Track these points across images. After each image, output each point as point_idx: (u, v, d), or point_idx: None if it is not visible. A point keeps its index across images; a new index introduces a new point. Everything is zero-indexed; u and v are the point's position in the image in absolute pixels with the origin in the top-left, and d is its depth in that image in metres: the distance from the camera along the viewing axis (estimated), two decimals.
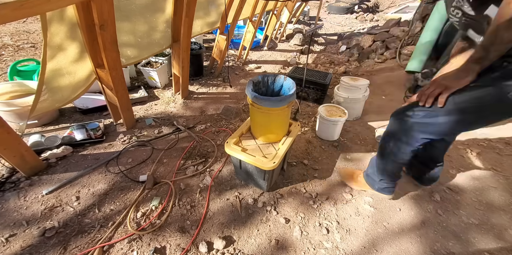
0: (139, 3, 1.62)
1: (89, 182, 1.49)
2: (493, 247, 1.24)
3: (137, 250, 1.17)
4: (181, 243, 1.21)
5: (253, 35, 3.24)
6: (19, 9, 0.90)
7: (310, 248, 1.22)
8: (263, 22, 4.39)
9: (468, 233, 1.30)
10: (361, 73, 3.28)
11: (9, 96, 1.90)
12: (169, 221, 1.31)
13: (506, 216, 1.39)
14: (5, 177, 1.45)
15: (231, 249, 1.20)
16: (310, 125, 2.17)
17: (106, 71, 1.51)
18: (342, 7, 7.73)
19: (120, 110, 1.79)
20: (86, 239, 1.19)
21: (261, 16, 3.40)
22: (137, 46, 1.80)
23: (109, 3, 1.25)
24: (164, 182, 1.52)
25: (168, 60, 2.59)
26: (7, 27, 3.60)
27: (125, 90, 1.73)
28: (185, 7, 1.74)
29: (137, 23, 1.70)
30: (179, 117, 2.15)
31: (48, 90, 1.43)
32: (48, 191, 1.39)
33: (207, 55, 3.46)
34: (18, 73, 2.14)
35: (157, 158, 1.69)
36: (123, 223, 1.28)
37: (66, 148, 1.65)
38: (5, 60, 2.82)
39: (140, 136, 1.89)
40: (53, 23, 1.23)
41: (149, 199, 1.41)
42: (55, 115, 2.01)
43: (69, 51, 1.40)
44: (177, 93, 2.47)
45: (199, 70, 2.87)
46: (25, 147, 1.39)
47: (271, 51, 4.11)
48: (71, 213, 1.31)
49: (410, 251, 1.21)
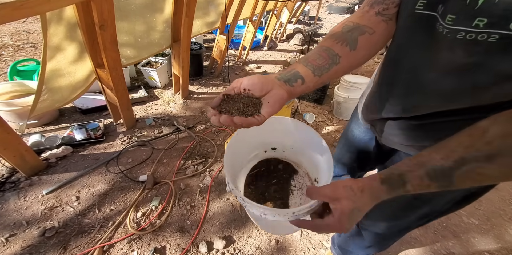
0: (139, 3, 1.62)
1: (89, 182, 1.49)
2: (493, 247, 1.24)
3: (137, 250, 1.17)
4: (181, 243, 1.21)
5: (253, 35, 3.24)
6: (19, 9, 0.90)
7: (310, 248, 1.22)
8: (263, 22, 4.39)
9: (468, 233, 1.30)
10: (361, 73, 3.27)
11: (9, 96, 1.89)
12: (169, 221, 1.31)
13: (506, 216, 1.39)
14: (5, 177, 1.45)
15: (231, 249, 1.20)
16: (310, 125, 2.17)
17: (106, 71, 1.51)
18: (342, 7, 7.73)
19: (120, 110, 1.79)
20: (86, 239, 1.19)
21: (261, 16, 3.40)
22: (137, 46, 1.80)
23: (109, 3, 1.25)
24: (164, 182, 1.52)
25: (168, 60, 2.58)
26: (7, 27, 3.60)
27: (125, 90, 1.73)
28: (185, 7, 1.74)
29: (137, 23, 1.70)
30: (179, 117, 2.15)
31: (48, 90, 1.42)
32: (48, 191, 1.39)
33: (207, 55, 3.46)
34: (18, 73, 2.14)
35: (157, 158, 1.69)
36: (123, 223, 1.28)
37: (66, 148, 1.65)
38: (5, 60, 2.81)
39: (140, 136, 1.89)
40: (53, 23, 1.23)
41: (149, 199, 1.41)
42: (55, 115, 2.01)
43: (69, 51, 1.40)
44: (177, 93, 2.47)
45: (199, 70, 2.87)
46: (25, 147, 1.39)
47: (271, 51, 4.11)
48: (71, 213, 1.31)
49: (410, 251, 1.21)
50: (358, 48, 0.47)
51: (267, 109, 0.42)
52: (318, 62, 0.46)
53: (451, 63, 0.40)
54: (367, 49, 0.49)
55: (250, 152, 0.76)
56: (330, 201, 0.43)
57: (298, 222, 0.48)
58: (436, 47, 0.41)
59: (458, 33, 0.36)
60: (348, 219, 0.42)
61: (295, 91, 0.44)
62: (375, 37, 0.48)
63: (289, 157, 0.78)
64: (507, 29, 0.32)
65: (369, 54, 0.50)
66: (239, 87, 0.44)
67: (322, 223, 0.44)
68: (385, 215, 0.73)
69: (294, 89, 0.44)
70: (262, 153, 0.78)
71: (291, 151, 0.76)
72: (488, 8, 0.33)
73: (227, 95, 0.44)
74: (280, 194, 0.72)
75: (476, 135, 0.35)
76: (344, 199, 0.42)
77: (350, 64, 0.48)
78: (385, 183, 0.41)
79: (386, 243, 0.91)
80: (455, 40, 0.37)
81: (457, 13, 0.36)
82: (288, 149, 0.76)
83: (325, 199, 0.44)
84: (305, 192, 0.68)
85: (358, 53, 0.48)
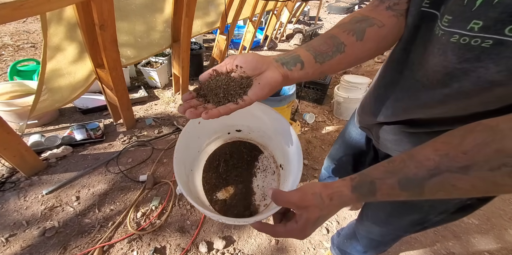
0: (139, 3, 1.62)
1: (89, 182, 1.49)
2: (493, 247, 1.24)
3: (137, 250, 1.17)
4: (181, 243, 1.21)
5: (253, 35, 3.24)
6: (19, 9, 0.90)
7: (310, 248, 1.22)
8: (263, 22, 4.39)
9: (468, 233, 1.30)
10: (361, 73, 3.27)
11: (9, 96, 1.89)
12: (169, 221, 1.31)
13: (506, 216, 1.39)
14: (5, 177, 1.45)
15: (231, 249, 1.20)
16: (310, 125, 2.17)
17: (106, 71, 1.51)
18: (342, 7, 7.74)
19: (120, 110, 1.79)
20: (86, 239, 1.19)
21: (261, 16, 3.40)
22: (137, 46, 1.80)
23: (109, 3, 1.25)
24: (164, 182, 1.52)
25: (168, 60, 2.59)
26: (7, 27, 3.60)
27: (125, 90, 1.73)
28: (185, 7, 1.74)
29: (137, 23, 1.70)
30: (179, 117, 2.15)
31: (48, 90, 1.42)
32: (48, 191, 1.39)
33: (207, 55, 3.46)
34: (18, 73, 2.14)
35: (157, 158, 1.69)
36: (123, 223, 1.28)
37: (66, 148, 1.65)
38: (5, 60, 2.81)
39: (140, 136, 1.89)
40: (53, 23, 1.23)
41: (149, 199, 1.41)
42: (55, 115, 2.01)
43: (69, 51, 1.40)
44: (177, 93, 2.47)
45: (199, 70, 2.87)
46: (25, 147, 1.39)
47: (271, 51, 4.11)
48: (71, 213, 1.31)
49: (410, 251, 1.21)
50: (365, 39, 0.44)
51: (255, 90, 0.39)
52: (321, 48, 0.43)
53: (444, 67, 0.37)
54: (374, 41, 0.45)
55: (210, 136, 0.70)
56: (297, 208, 0.40)
57: (259, 226, 0.45)
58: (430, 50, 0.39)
59: (453, 36, 0.34)
60: (311, 227, 0.40)
61: (292, 75, 0.41)
62: (384, 31, 0.45)
63: (255, 139, 0.73)
64: (502, 34, 0.29)
65: (376, 47, 0.47)
66: (232, 63, 0.40)
67: (284, 229, 0.41)
68: (378, 220, 0.72)
69: (292, 73, 0.41)
70: (226, 135, 0.72)
71: (257, 134, 0.71)
72: (485, 10, 0.30)
73: (216, 70, 0.41)
74: (242, 178, 0.68)
75: (453, 143, 0.32)
76: (312, 207, 0.39)
77: (355, 54, 0.45)
78: (355, 191, 0.39)
79: (382, 249, 0.91)
80: (449, 43, 0.35)
81: (454, 14, 0.34)
82: (255, 131, 0.71)
83: (292, 206, 0.41)
84: (268, 174, 0.68)
85: (365, 44, 0.45)
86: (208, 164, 0.69)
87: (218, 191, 0.65)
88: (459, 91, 0.37)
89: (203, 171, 0.68)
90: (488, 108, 0.37)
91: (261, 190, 0.66)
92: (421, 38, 0.42)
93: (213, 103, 0.40)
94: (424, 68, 0.41)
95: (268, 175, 0.68)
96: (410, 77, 0.45)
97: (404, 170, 0.35)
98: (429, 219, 0.61)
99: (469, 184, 0.31)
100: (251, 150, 0.72)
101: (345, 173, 0.92)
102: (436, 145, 0.34)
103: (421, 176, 0.33)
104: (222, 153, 0.71)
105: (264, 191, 0.66)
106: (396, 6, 0.45)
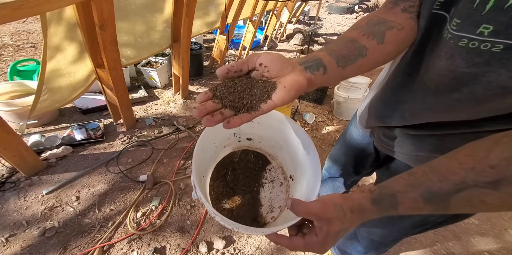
0: (139, 3, 1.62)
1: (89, 182, 1.49)
2: (493, 247, 1.24)
3: (137, 250, 1.17)
4: (181, 243, 1.21)
5: (253, 35, 3.24)
6: (19, 9, 0.90)
7: None
8: (263, 22, 4.39)
9: (468, 233, 1.30)
10: None
11: (9, 96, 1.89)
12: (169, 221, 1.31)
13: (506, 216, 1.39)
14: (5, 177, 1.45)
15: (231, 249, 1.20)
16: (310, 125, 2.17)
17: (106, 71, 1.51)
18: (342, 7, 7.73)
19: (120, 110, 1.79)
20: (86, 239, 1.19)
21: (261, 16, 3.40)
22: (137, 46, 1.80)
23: (109, 3, 1.25)
24: (164, 182, 1.52)
25: (168, 60, 2.58)
26: (7, 27, 3.60)
27: (125, 90, 1.73)
28: (185, 7, 1.74)
29: (137, 23, 1.70)
30: (179, 117, 2.15)
31: (48, 90, 1.42)
32: (48, 191, 1.39)
33: (207, 55, 3.46)
34: (18, 73, 2.14)
35: (157, 158, 1.69)
36: (123, 223, 1.28)
37: (66, 148, 1.65)
38: (5, 60, 2.81)
39: (140, 136, 1.89)
40: (53, 23, 1.23)
41: (149, 199, 1.41)
42: (55, 115, 2.01)
43: (69, 51, 1.40)
44: (177, 93, 2.47)
45: (199, 70, 2.87)
46: (25, 147, 1.39)
47: (271, 51, 4.11)
48: (71, 213, 1.31)
49: (410, 251, 1.21)
50: (385, 42, 0.42)
51: (281, 94, 0.35)
52: (343, 52, 0.40)
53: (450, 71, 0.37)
54: (394, 44, 0.43)
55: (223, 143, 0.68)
56: (317, 220, 0.38)
57: (276, 237, 0.42)
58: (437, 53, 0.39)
59: (461, 40, 0.33)
60: (332, 241, 0.38)
61: (315, 80, 0.38)
62: (404, 34, 0.43)
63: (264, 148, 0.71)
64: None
65: (396, 50, 0.45)
66: (254, 61, 0.36)
67: (303, 242, 0.39)
68: (379, 222, 0.71)
69: (315, 78, 0.38)
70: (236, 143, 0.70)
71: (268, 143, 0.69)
72: (496, 14, 0.30)
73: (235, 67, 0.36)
74: (250, 188, 0.66)
75: (479, 156, 0.30)
76: (334, 219, 0.37)
77: (376, 59, 0.43)
78: (376, 204, 0.37)
79: (383, 249, 0.90)
80: (457, 47, 0.34)
81: (463, 18, 0.33)
82: (266, 141, 0.69)
83: (312, 218, 0.39)
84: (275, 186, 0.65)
85: (385, 47, 0.43)
86: (216, 172, 0.67)
87: (225, 201, 0.63)
88: (470, 96, 0.37)
89: (210, 179, 0.66)
90: (498, 113, 0.37)
91: (268, 201, 0.64)
92: (431, 41, 0.42)
93: (231, 108, 0.36)
94: (430, 71, 0.41)
95: (275, 186, 0.67)
96: (418, 81, 0.45)
97: (426, 183, 0.34)
98: (430, 220, 0.60)
99: (499, 200, 0.29)
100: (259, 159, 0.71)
101: (345, 174, 0.91)
102: (460, 158, 0.32)
103: (446, 190, 0.32)
104: (230, 161, 0.70)
105: (272, 203, 0.63)
106: (412, 8, 0.44)
